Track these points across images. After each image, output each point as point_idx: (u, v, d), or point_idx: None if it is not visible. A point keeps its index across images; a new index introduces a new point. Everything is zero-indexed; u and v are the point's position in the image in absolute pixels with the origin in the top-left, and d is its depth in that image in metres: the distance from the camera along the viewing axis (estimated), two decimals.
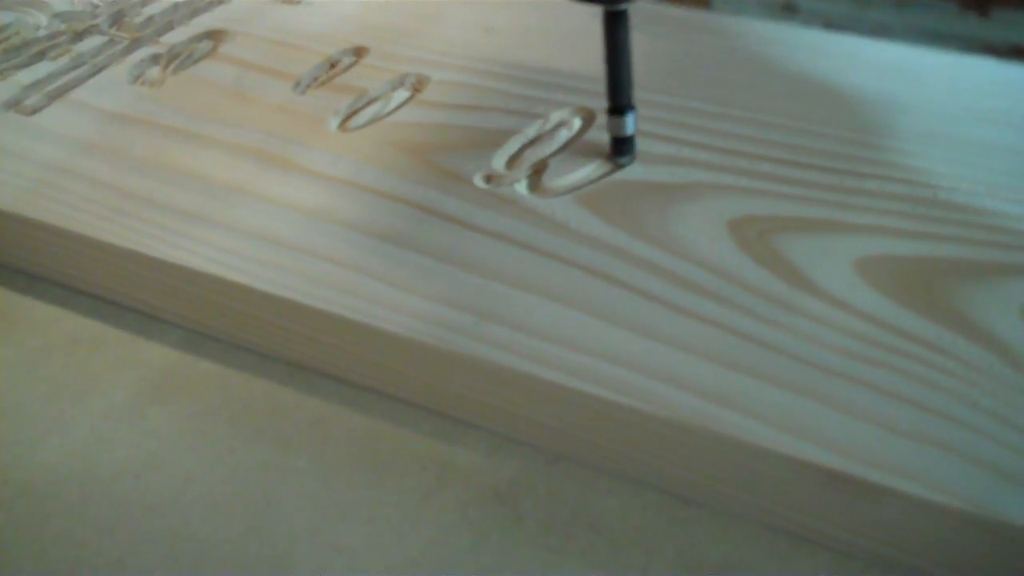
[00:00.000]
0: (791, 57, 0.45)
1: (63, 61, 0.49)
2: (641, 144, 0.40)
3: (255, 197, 0.39)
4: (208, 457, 0.34)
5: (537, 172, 0.39)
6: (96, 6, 0.54)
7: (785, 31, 0.47)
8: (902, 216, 0.35)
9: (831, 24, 0.22)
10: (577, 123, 0.41)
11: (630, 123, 0.39)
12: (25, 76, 0.48)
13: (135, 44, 0.50)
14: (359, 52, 0.48)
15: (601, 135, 0.40)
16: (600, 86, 0.42)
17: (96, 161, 0.41)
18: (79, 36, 0.51)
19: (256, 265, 0.36)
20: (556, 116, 0.42)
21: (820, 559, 0.30)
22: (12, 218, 0.40)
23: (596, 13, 0.37)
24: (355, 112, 0.44)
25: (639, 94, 0.42)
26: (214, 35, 0.50)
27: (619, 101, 0.38)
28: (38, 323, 0.40)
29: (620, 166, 0.39)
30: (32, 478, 0.34)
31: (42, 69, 0.48)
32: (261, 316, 0.36)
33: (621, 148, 0.39)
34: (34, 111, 0.45)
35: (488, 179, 0.39)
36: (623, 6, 0.36)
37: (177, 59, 0.49)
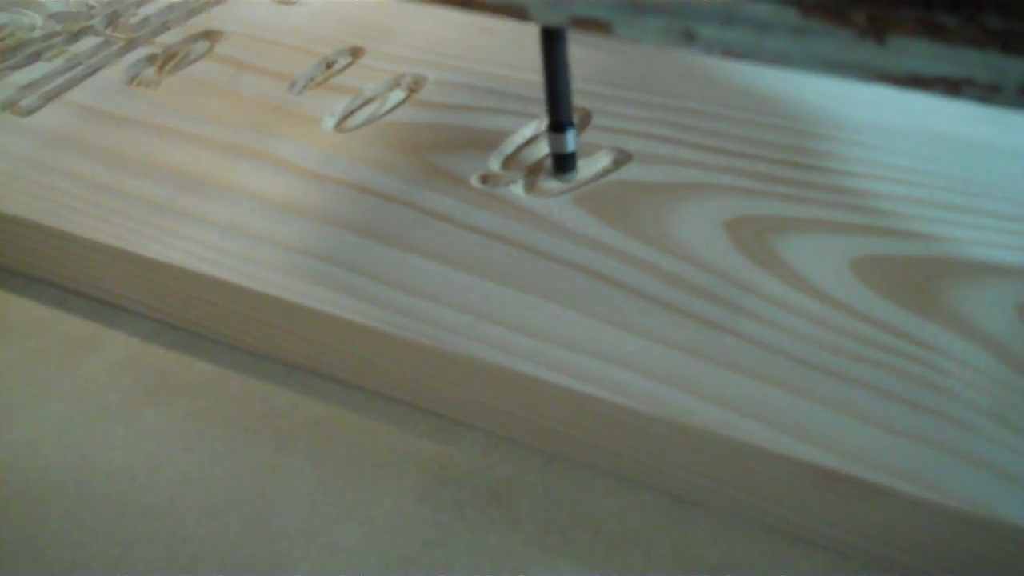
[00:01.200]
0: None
1: (58, 62, 0.49)
2: (638, 144, 0.40)
3: (251, 198, 0.39)
4: (205, 458, 0.34)
5: (533, 172, 0.39)
6: (91, 7, 0.54)
7: None
8: (898, 216, 0.35)
9: (730, 52, 0.22)
10: None
11: (570, 140, 0.38)
12: (20, 77, 0.48)
13: (131, 45, 0.50)
14: (355, 52, 0.48)
15: (598, 134, 0.40)
16: (595, 86, 0.42)
17: (92, 162, 0.41)
18: (74, 37, 0.51)
19: (252, 265, 0.36)
20: None
21: (817, 559, 0.30)
22: (7, 219, 0.40)
23: None
24: (351, 112, 0.44)
25: (638, 94, 0.42)
26: (210, 35, 0.50)
27: (558, 117, 0.37)
28: (34, 324, 0.40)
29: (566, 183, 0.39)
30: (28, 479, 0.34)
31: (37, 70, 0.48)
32: (257, 317, 0.36)
33: (563, 165, 0.39)
34: (30, 112, 0.45)
35: (484, 179, 0.39)
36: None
37: (173, 60, 0.49)
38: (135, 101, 0.46)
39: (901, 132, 0.39)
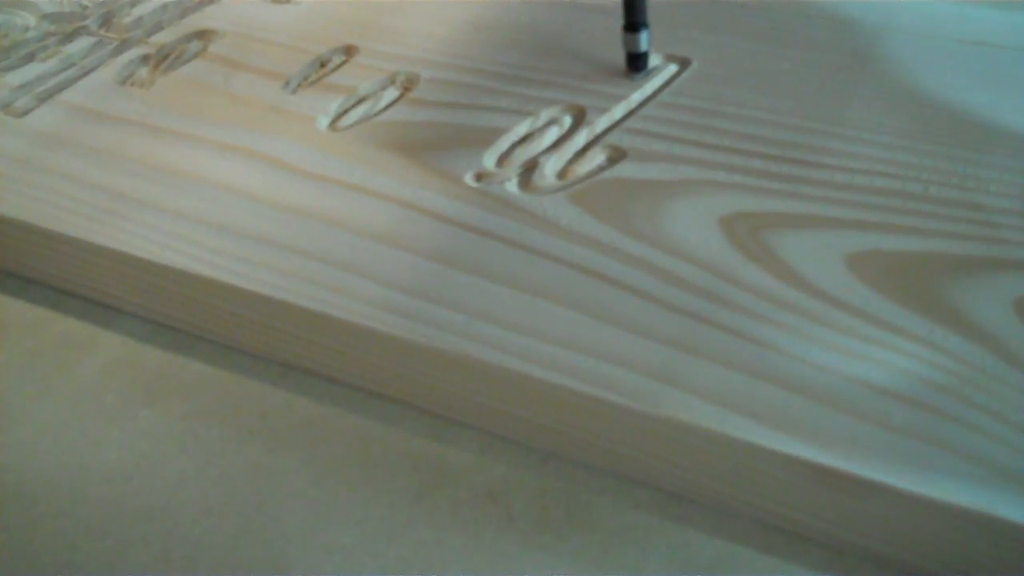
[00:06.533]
0: (781, 49, 0.45)
1: (52, 63, 0.49)
2: (633, 141, 0.40)
3: (245, 197, 0.39)
4: (200, 459, 0.34)
5: (528, 170, 0.39)
6: (85, 7, 0.53)
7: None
8: (893, 211, 0.35)
9: None
10: (568, 121, 0.41)
11: (643, 40, 0.42)
12: (14, 78, 0.48)
13: (124, 45, 0.50)
14: (349, 51, 0.48)
15: (592, 133, 0.40)
16: (592, 83, 0.42)
17: (86, 163, 0.41)
18: (68, 37, 0.51)
19: (247, 265, 0.36)
20: (546, 114, 0.42)
21: (813, 555, 0.30)
22: (1, 220, 0.39)
23: (587, 8, 0.37)
24: (345, 111, 0.44)
25: (632, 91, 0.42)
26: (203, 35, 0.50)
27: (634, 18, 0.42)
28: (29, 325, 0.40)
29: (634, 81, 0.43)
30: (23, 481, 0.34)
31: (31, 71, 0.48)
32: (252, 317, 0.36)
33: (635, 64, 0.43)
34: (24, 113, 0.45)
35: (479, 177, 0.39)
36: None
37: (166, 59, 0.49)
38: (129, 101, 0.45)
39: (894, 127, 0.39)
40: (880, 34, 0.46)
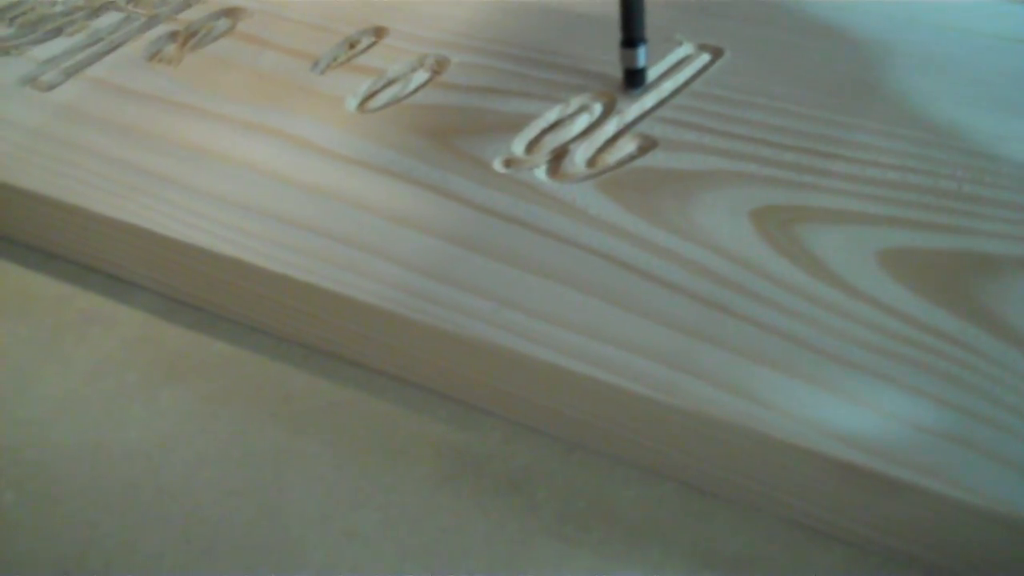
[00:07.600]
0: (813, 41, 0.44)
1: (79, 37, 0.49)
2: (663, 131, 0.39)
3: (271, 177, 0.38)
4: (221, 440, 0.34)
5: (557, 157, 0.39)
6: None
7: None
8: (925, 208, 0.35)
9: None
10: (598, 108, 0.41)
11: (641, 56, 0.41)
12: (41, 52, 0.48)
13: (152, 21, 0.50)
14: (379, 32, 0.47)
15: (623, 121, 0.40)
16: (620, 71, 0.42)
17: (112, 139, 0.41)
18: (96, 12, 0.51)
19: (271, 245, 0.35)
20: (577, 101, 0.41)
21: (837, 553, 0.30)
22: (26, 194, 0.39)
23: None
24: (374, 93, 0.43)
25: (664, 80, 0.41)
26: (232, 13, 0.50)
27: (631, 34, 0.41)
28: (52, 301, 0.40)
29: (632, 98, 0.41)
30: (44, 457, 0.34)
31: (58, 45, 0.48)
32: (276, 297, 0.36)
33: (632, 80, 0.42)
34: (50, 87, 0.45)
35: (507, 163, 0.38)
36: None
37: (194, 37, 0.49)
38: (156, 78, 0.45)
39: (927, 123, 0.39)
40: (914, 28, 0.45)
